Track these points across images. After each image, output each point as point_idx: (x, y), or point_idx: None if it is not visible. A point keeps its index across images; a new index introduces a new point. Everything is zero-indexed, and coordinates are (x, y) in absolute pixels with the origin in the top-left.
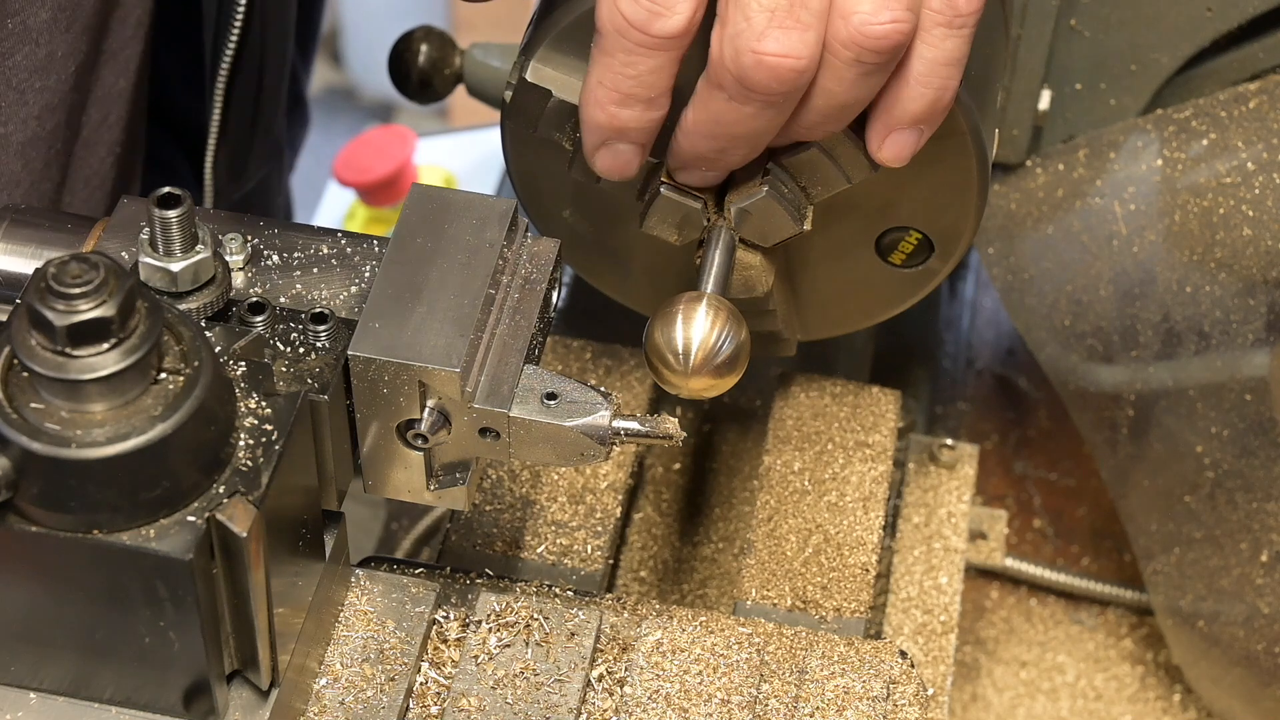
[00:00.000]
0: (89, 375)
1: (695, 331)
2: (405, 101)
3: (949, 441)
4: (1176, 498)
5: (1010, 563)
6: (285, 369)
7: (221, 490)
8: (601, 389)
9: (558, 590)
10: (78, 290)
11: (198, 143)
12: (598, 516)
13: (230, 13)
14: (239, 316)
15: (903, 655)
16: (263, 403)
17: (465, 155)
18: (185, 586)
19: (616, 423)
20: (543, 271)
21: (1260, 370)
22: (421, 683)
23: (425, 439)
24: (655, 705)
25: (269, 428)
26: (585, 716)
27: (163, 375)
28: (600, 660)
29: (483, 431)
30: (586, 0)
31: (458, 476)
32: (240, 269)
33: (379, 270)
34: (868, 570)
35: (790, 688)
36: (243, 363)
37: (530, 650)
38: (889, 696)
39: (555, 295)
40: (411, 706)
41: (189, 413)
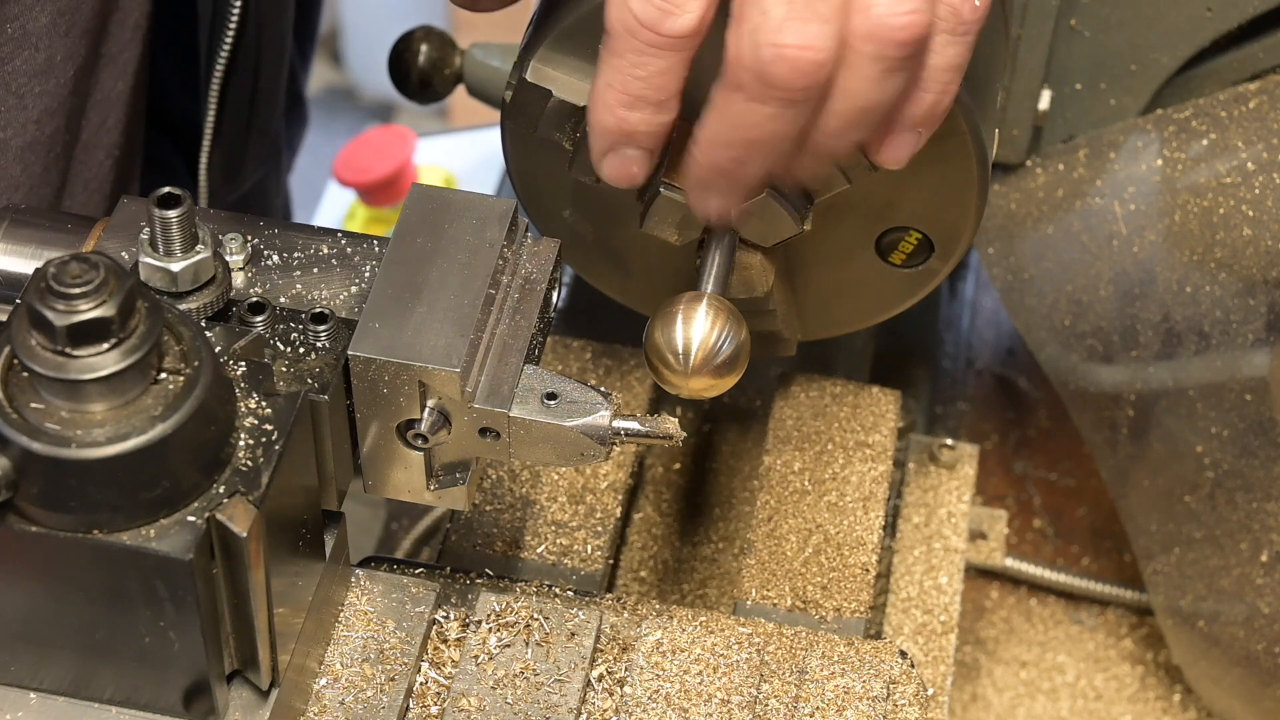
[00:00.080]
0: (89, 375)
1: (695, 331)
2: (405, 101)
3: (949, 441)
4: (1176, 498)
5: (1010, 563)
6: (285, 369)
7: (221, 490)
8: (601, 389)
9: (558, 590)
10: (78, 290)
11: (194, 144)
12: (598, 516)
13: (225, 14)
14: (239, 316)
15: (903, 655)
16: (263, 403)
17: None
18: (185, 586)
19: (616, 423)
20: (543, 271)
21: (1260, 370)
22: (421, 683)
23: (425, 439)
24: (655, 705)
25: (269, 428)
26: (585, 716)
27: (163, 375)
28: (600, 660)
29: (483, 431)
30: (588, 0)
31: (458, 476)
32: (240, 269)
33: (379, 270)
34: (868, 570)
35: (790, 688)
36: (243, 363)
37: (530, 650)
38: (889, 696)
39: (555, 295)
40: (411, 706)
41: (189, 413)
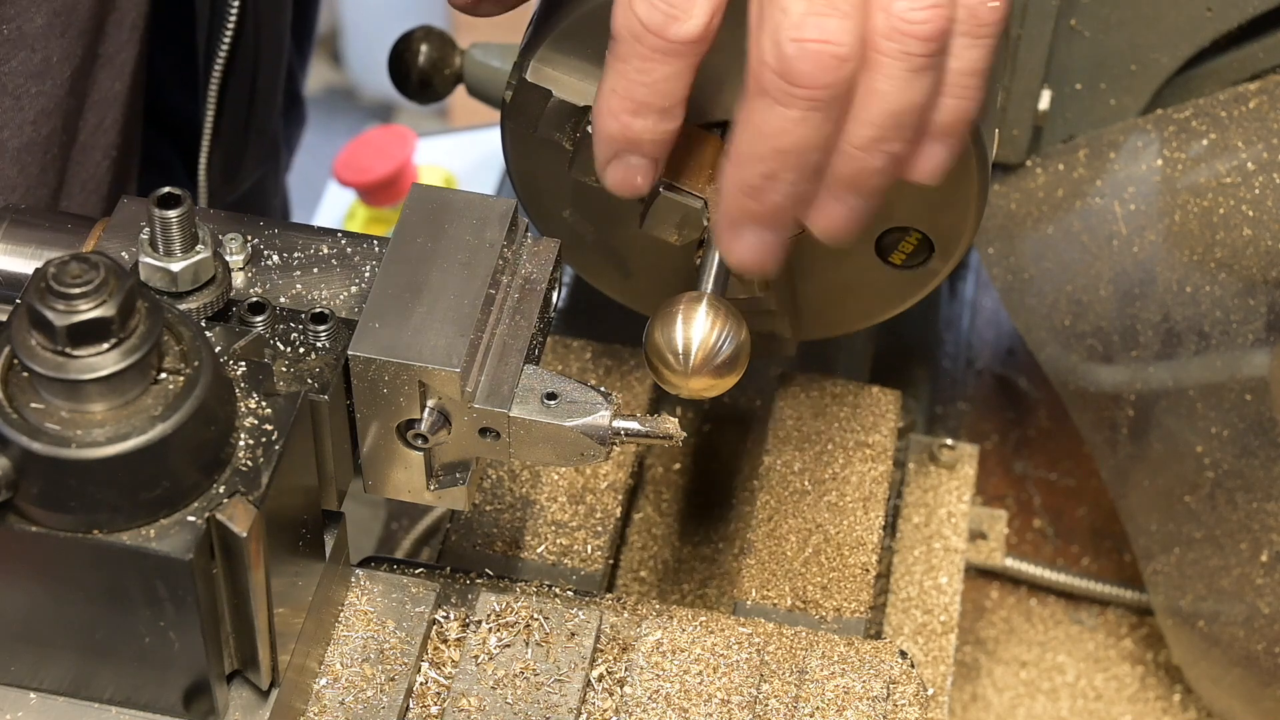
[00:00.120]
0: (89, 375)
1: (695, 331)
2: (405, 101)
3: (949, 441)
4: (1176, 498)
5: (1010, 563)
6: (285, 369)
7: (221, 490)
8: (601, 389)
9: (558, 590)
10: (78, 290)
11: (192, 144)
12: (598, 516)
13: (223, 13)
14: (239, 316)
15: (903, 655)
16: (263, 403)
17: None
18: (185, 586)
19: (616, 423)
20: (543, 271)
21: (1260, 370)
22: (421, 683)
23: (425, 439)
24: (655, 705)
25: (269, 428)
26: (585, 716)
27: (163, 375)
28: (600, 660)
29: (483, 431)
30: (588, 0)
31: (458, 476)
32: (240, 269)
33: (379, 270)
34: (868, 570)
35: (790, 688)
36: (243, 363)
37: (530, 650)
38: (889, 696)
39: (555, 295)
40: (411, 706)
41: (189, 413)
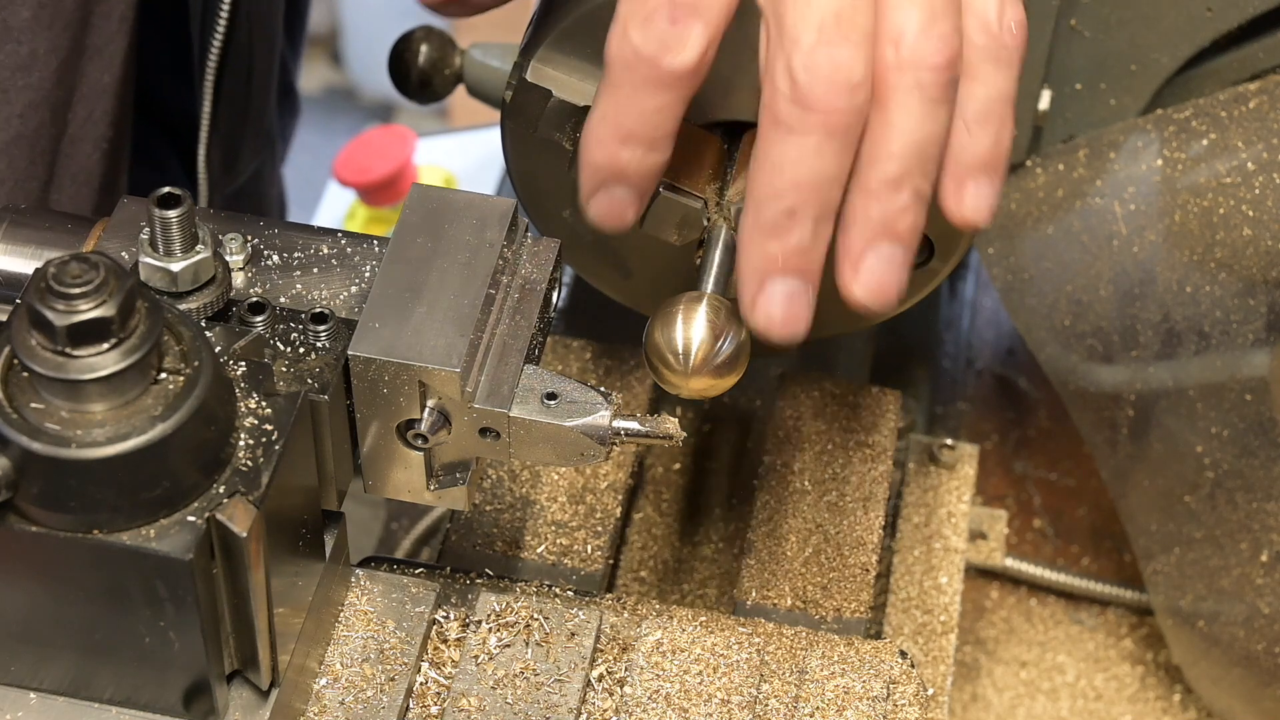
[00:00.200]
0: (89, 375)
1: (695, 331)
2: (405, 101)
3: (949, 441)
4: (1176, 498)
5: (1010, 563)
6: (285, 369)
7: (221, 490)
8: (601, 389)
9: (558, 590)
10: (78, 290)
11: (189, 137)
12: (598, 516)
13: (216, 4)
14: (239, 316)
15: (903, 655)
16: (263, 403)
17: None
18: (185, 586)
19: (616, 423)
20: (543, 271)
21: (1260, 370)
22: (421, 683)
23: (425, 439)
24: (655, 705)
25: (269, 428)
26: (585, 716)
27: (163, 375)
28: (600, 660)
29: (483, 431)
30: (588, 0)
31: (458, 476)
32: (240, 269)
33: (379, 270)
34: (868, 570)
35: (790, 688)
36: (243, 363)
37: (530, 650)
38: (889, 696)
39: (555, 295)
40: (411, 706)
41: (189, 413)
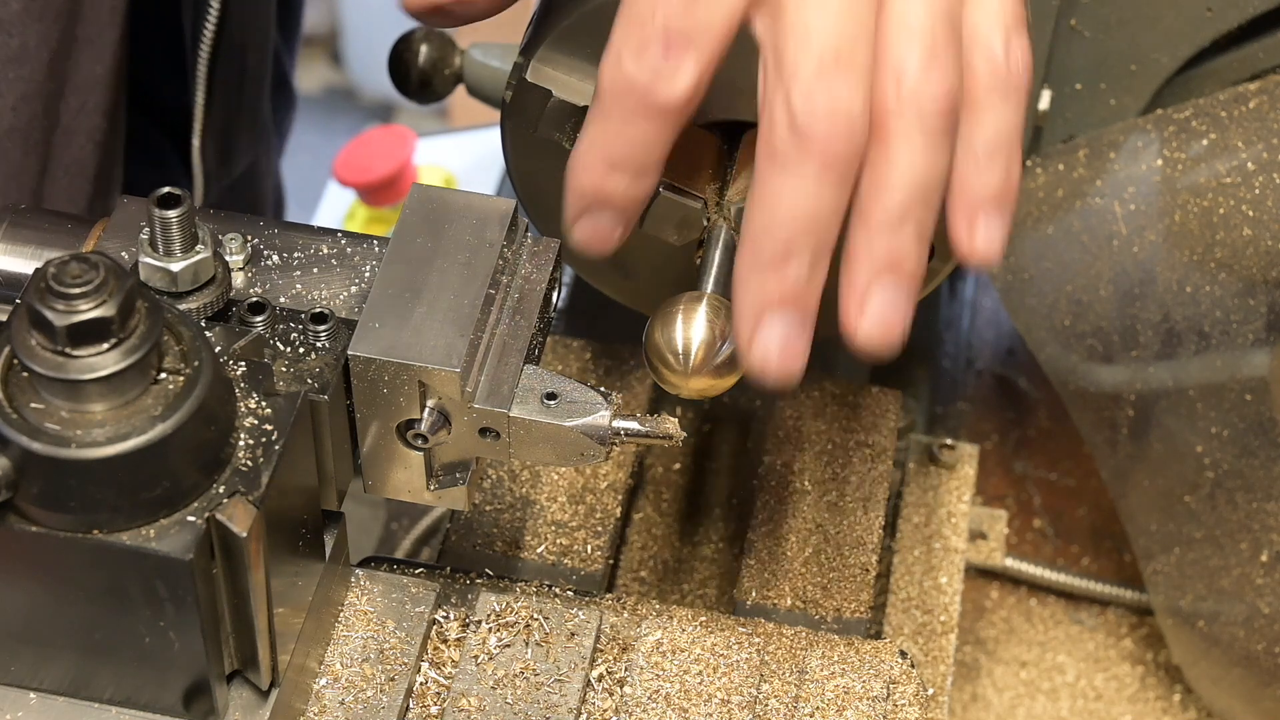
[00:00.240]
0: (89, 375)
1: (695, 331)
2: (405, 101)
3: (949, 441)
4: (1176, 498)
5: (1010, 563)
6: (285, 369)
7: (221, 490)
8: (601, 389)
9: (558, 590)
10: (78, 290)
11: (185, 131)
12: (598, 516)
13: None
14: (239, 316)
15: (903, 655)
16: (263, 403)
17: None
18: (185, 586)
19: (616, 423)
20: (543, 271)
21: (1260, 370)
22: (421, 683)
23: (425, 439)
24: (655, 705)
25: (269, 428)
26: (585, 716)
27: (163, 375)
28: (600, 660)
29: (483, 431)
30: (588, 0)
31: (458, 476)
32: (240, 269)
33: (379, 270)
34: (868, 570)
35: (790, 688)
36: (243, 363)
37: (530, 650)
38: (889, 696)
39: (555, 295)
40: (411, 706)
41: (189, 413)
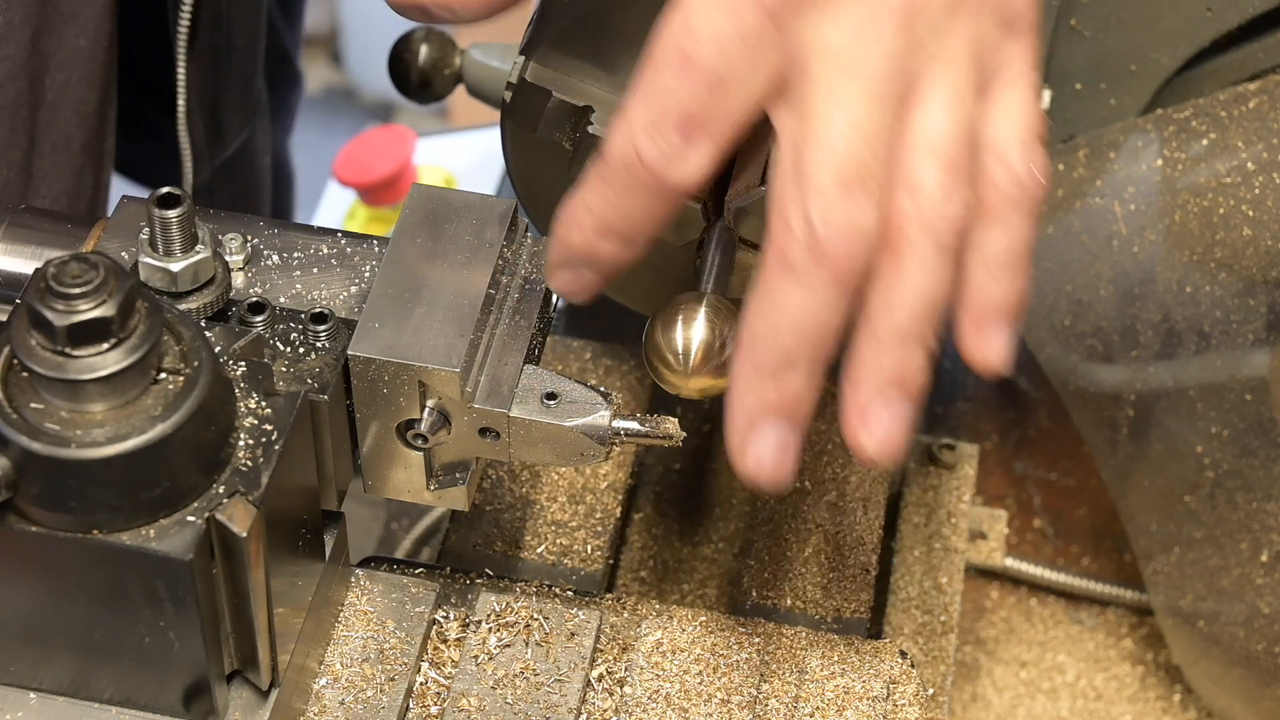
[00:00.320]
0: (89, 375)
1: (695, 331)
2: (405, 101)
3: (949, 441)
4: (1176, 498)
5: (1010, 563)
6: (285, 369)
7: (221, 490)
8: (601, 389)
9: (558, 590)
10: (78, 290)
11: (173, 105)
12: (598, 516)
13: None
14: (239, 316)
15: (903, 655)
16: (263, 403)
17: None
18: (185, 586)
19: (616, 423)
20: (543, 271)
21: (1260, 370)
22: (421, 683)
23: (425, 439)
24: (655, 705)
25: (269, 428)
26: (585, 716)
27: (163, 375)
28: (600, 660)
29: (483, 431)
30: (588, 2)
31: (458, 476)
32: (240, 269)
33: (379, 270)
34: (868, 570)
35: (790, 688)
36: (243, 363)
37: (530, 650)
38: (889, 696)
39: (555, 295)
40: (411, 706)
41: (189, 413)
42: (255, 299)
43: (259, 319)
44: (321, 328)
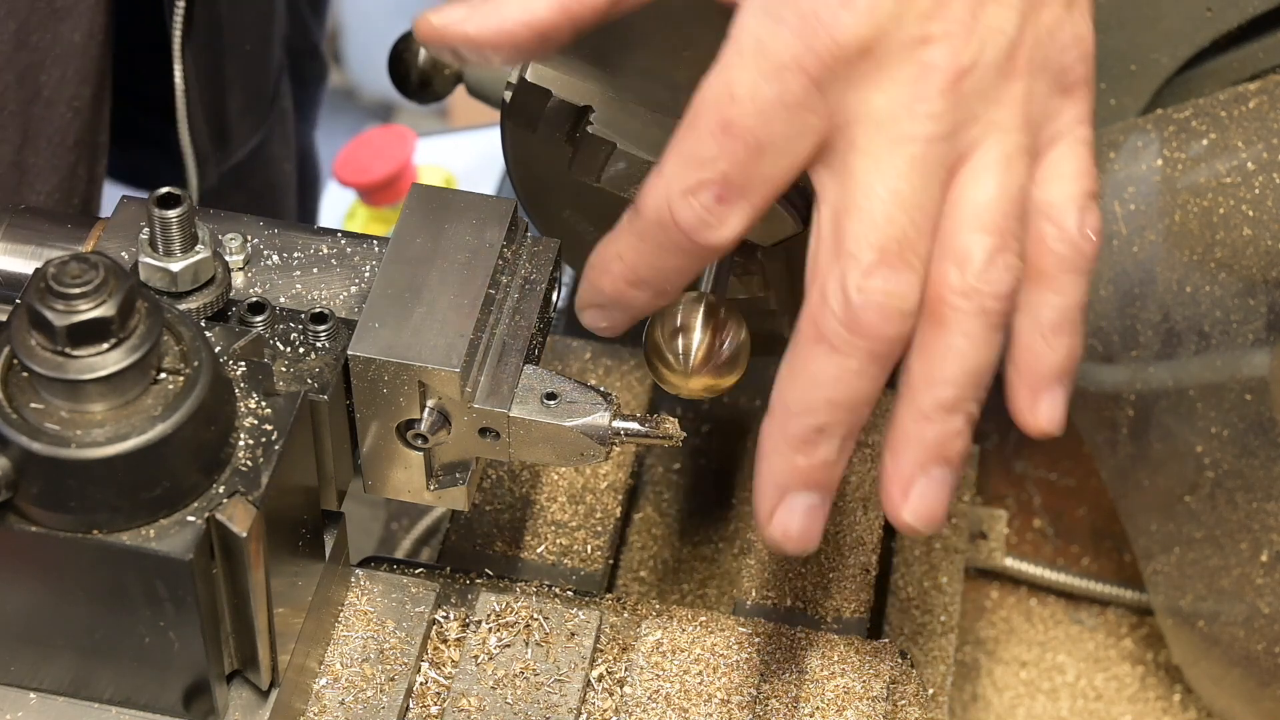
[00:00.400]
0: (89, 375)
1: (695, 332)
2: (405, 101)
3: None
4: (1176, 498)
5: (1010, 563)
6: (285, 369)
7: (221, 490)
8: (601, 389)
9: (558, 590)
10: (78, 290)
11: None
12: (598, 516)
13: None
14: (239, 316)
15: (903, 655)
16: (263, 403)
17: (465, 155)
18: (185, 586)
19: (616, 423)
20: (543, 271)
21: (1260, 370)
22: (421, 683)
23: (425, 439)
24: (655, 705)
25: (269, 428)
26: (585, 716)
27: (163, 375)
28: (600, 660)
29: (483, 431)
30: None
31: (458, 476)
32: (240, 269)
33: (379, 270)
34: (868, 570)
35: (790, 688)
36: (243, 363)
37: (530, 650)
38: (889, 696)
39: (555, 295)
40: (411, 706)
41: (189, 413)
42: (255, 299)
43: (259, 319)
44: (321, 328)
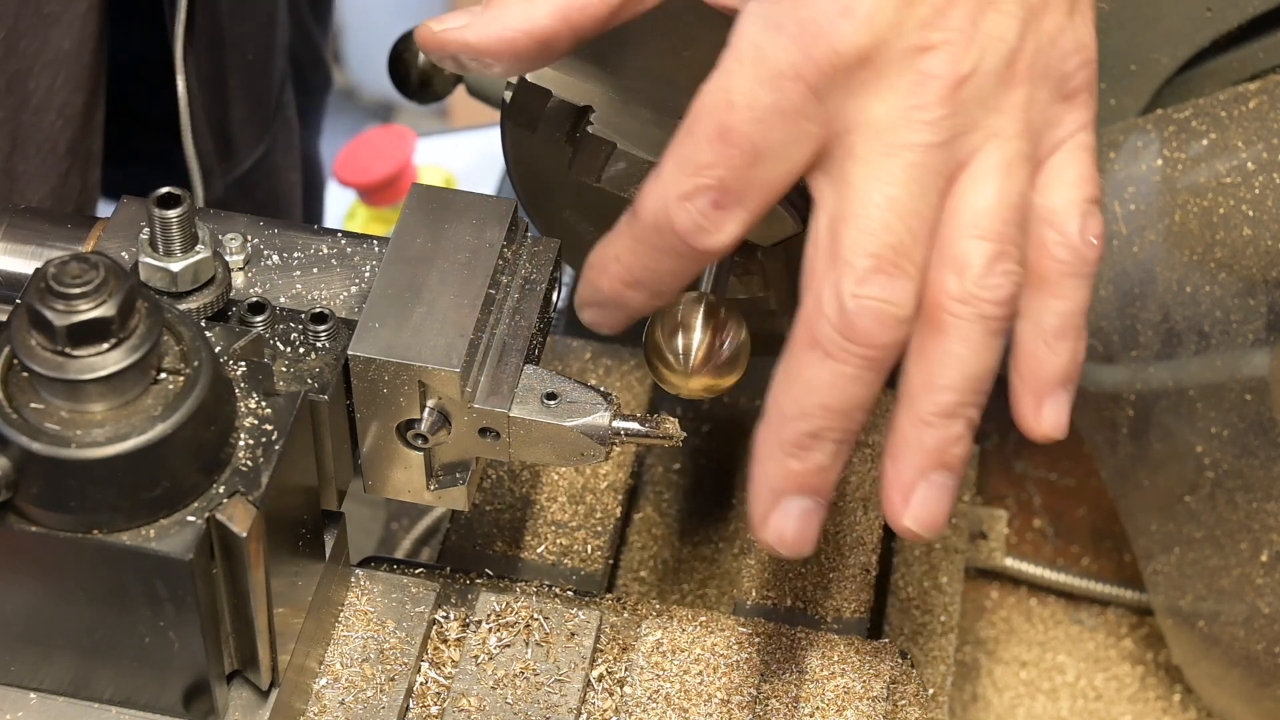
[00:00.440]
0: (89, 375)
1: (695, 331)
2: (405, 101)
3: None
4: (1176, 498)
5: (1010, 563)
6: (285, 369)
7: (221, 490)
8: (601, 389)
9: (558, 590)
10: (78, 290)
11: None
12: (598, 516)
13: None
14: (239, 316)
15: (903, 655)
16: (263, 403)
17: (465, 155)
18: (185, 586)
19: (616, 423)
20: (543, 271)
21: (1260, 370)
22: (421, 683)
23: (425, 439)
24: (655, 705)
25: (269, 428)
26: (585, 716)
27: (163, 375)
28: (600, 660)
29: (483, 431)
30: None
31: (458, 476)
32: (240, 269)
33: (379, 270)
34: (868, 570)
35: (790, 688)
36: (243, 363)
37: (530, 650)
38: (889, 696)
39: (555, 295)
40: (411, 706)
41: (189, 413)
42: (255, 299)
43: (259, 319)
44: (321, 328)
